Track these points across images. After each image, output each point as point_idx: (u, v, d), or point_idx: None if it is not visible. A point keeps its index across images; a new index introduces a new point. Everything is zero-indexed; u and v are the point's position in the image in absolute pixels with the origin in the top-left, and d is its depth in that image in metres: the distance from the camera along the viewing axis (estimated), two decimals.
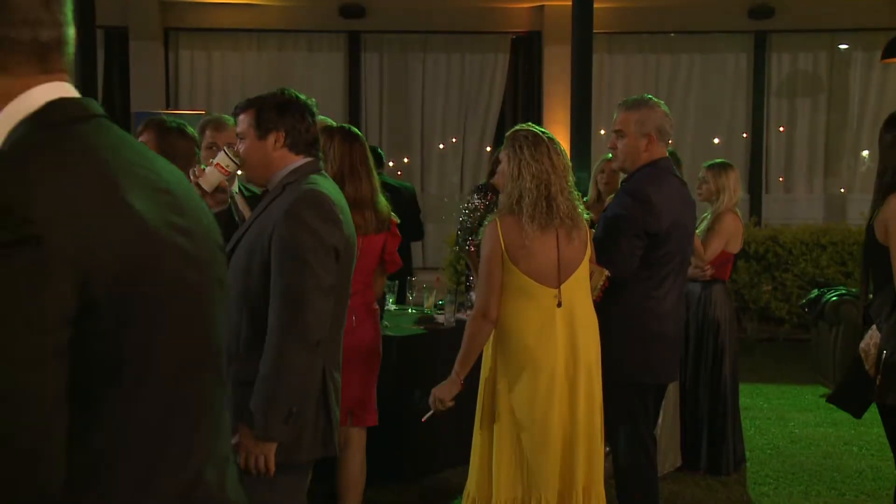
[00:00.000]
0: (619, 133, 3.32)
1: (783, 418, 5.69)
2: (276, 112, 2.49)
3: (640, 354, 3.28)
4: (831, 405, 3.37)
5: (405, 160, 9.61)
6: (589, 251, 3.13)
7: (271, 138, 2.49)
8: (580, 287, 3.10)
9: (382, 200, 3.43)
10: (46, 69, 1.10)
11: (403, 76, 9.51)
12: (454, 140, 9.58)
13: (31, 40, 1.08)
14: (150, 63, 9.11)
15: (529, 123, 3.17)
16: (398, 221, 3.53)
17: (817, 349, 6.66)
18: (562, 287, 3.04)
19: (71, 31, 1.14)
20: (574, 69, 6.82)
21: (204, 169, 2.83)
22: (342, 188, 2.76)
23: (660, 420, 4.17)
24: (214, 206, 2.87)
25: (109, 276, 1.01)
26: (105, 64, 9.12)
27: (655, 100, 3.36)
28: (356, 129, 3.45)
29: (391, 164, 9.37)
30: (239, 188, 3.42)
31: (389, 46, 9.50)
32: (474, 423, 3.18)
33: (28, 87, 1.09)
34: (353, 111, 9.37)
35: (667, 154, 3.37)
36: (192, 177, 2.83)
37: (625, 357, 3.25)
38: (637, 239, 3.22)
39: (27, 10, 1.07)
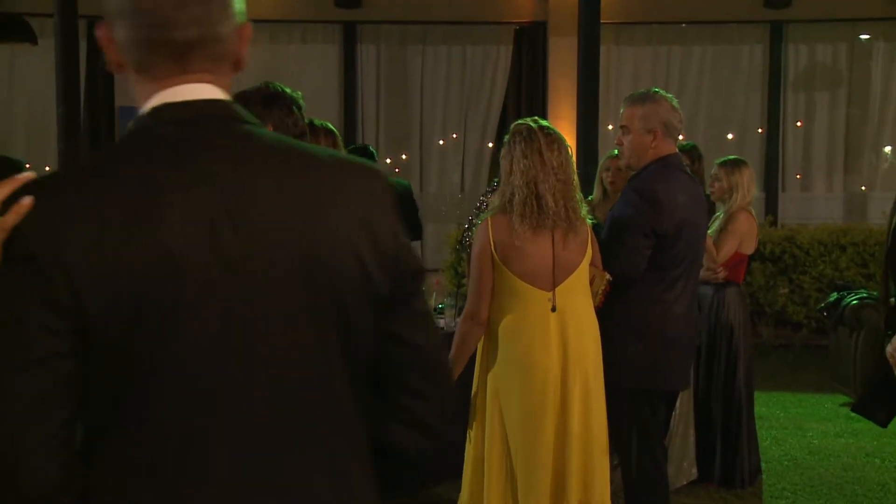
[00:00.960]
0: (625, 129, 3.30)
1: (801, 428, 5.61)
2: (262, 106, 2.44)
3: (648, 359, 3.23)
4: (851, 415, 3.35)
5: (403, 157, 9.61)
6: (589, 254, 3.08)
7: None
8: (578, 291, 3.05)
9: None
10: (186, 69, 1.15)
11: (401, 69, 9.49)
12: (455, 136, 9.57)
13: (165, 41, 1.13)
14: None
15: (536, 118, 3.15)
16: None
17: (837, 355, 6.60)
18: (556, 290, 2.99)
19: (222, 29, 1.16)
20: (580, 61, 6.78)
21: None
22: None
23: (671, 429, 4.14)
24: None
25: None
26: (88, 56, 8.80)
27: (662, 93, 3.33)
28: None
29: (388, 160, 9.38)
30: None
31: (387, 38, 9.48)
32: (466, 433, 3.16)
33: (159, 90, 1.14)
34: (349, 106, 9.36)
35: (676, 150, 3.33)
36: None
37: (630, 361, 3.21)
38: (644, 238, 3.17)
39: (157, 11, 1.12)
